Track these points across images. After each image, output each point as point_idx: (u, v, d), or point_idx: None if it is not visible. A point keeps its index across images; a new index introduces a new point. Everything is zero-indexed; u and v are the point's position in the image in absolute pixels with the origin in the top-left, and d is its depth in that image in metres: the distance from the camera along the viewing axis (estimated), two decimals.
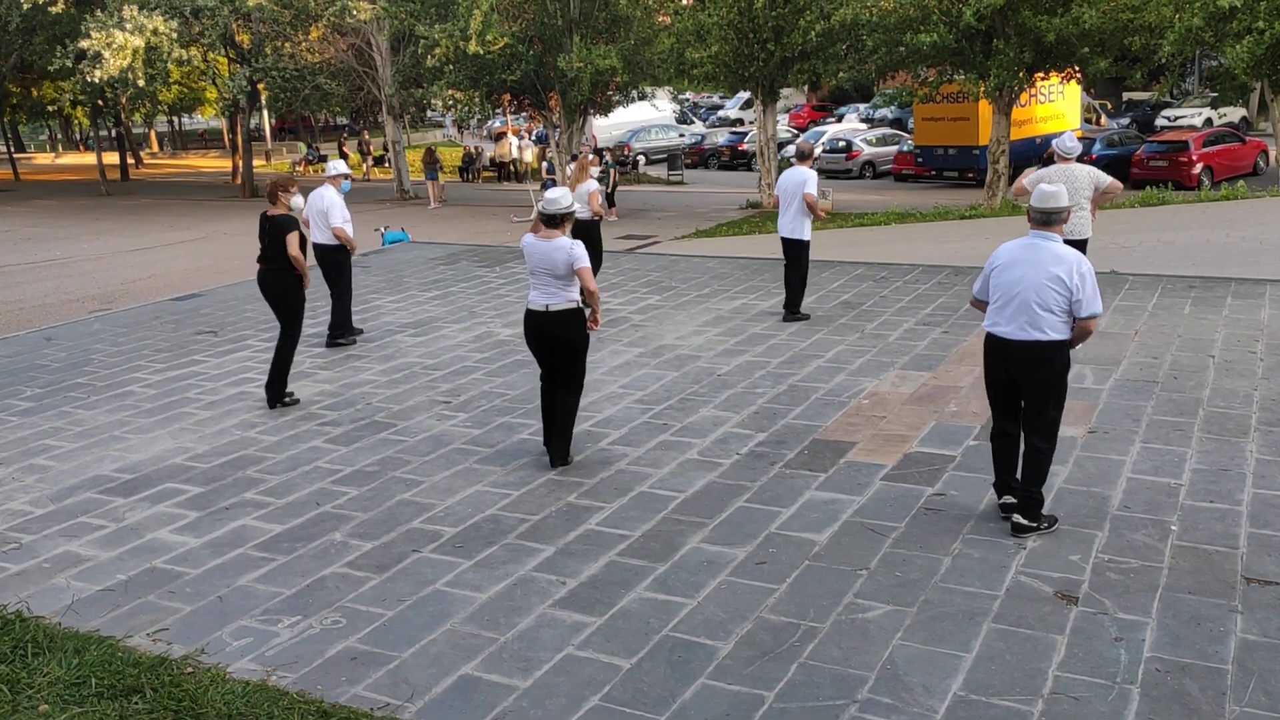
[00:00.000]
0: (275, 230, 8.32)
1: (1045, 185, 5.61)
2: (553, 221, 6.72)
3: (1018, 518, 5.63)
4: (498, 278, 13.90)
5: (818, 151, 33.83)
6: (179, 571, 5.66)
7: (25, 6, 28.26)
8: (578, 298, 6.77)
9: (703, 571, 5.40)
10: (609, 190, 25.67)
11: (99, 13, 26.79)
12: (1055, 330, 5.43)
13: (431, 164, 30.12)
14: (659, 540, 5.79)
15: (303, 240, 8.52)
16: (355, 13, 26.89)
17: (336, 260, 10.40)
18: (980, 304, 5.85)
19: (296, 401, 8.62)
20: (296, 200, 8.55)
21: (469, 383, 9.00)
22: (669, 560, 5.54)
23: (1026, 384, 5.57)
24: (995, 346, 5.63)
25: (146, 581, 5.56)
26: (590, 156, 11.80)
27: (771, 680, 4.41)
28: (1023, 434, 5.69)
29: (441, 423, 7.98)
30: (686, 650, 4.67)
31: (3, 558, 5.92)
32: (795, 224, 10.58)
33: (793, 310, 10.75)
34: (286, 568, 5.65)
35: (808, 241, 10.68)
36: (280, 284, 8.43)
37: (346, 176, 10.64)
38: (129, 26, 25.97)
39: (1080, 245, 9.39)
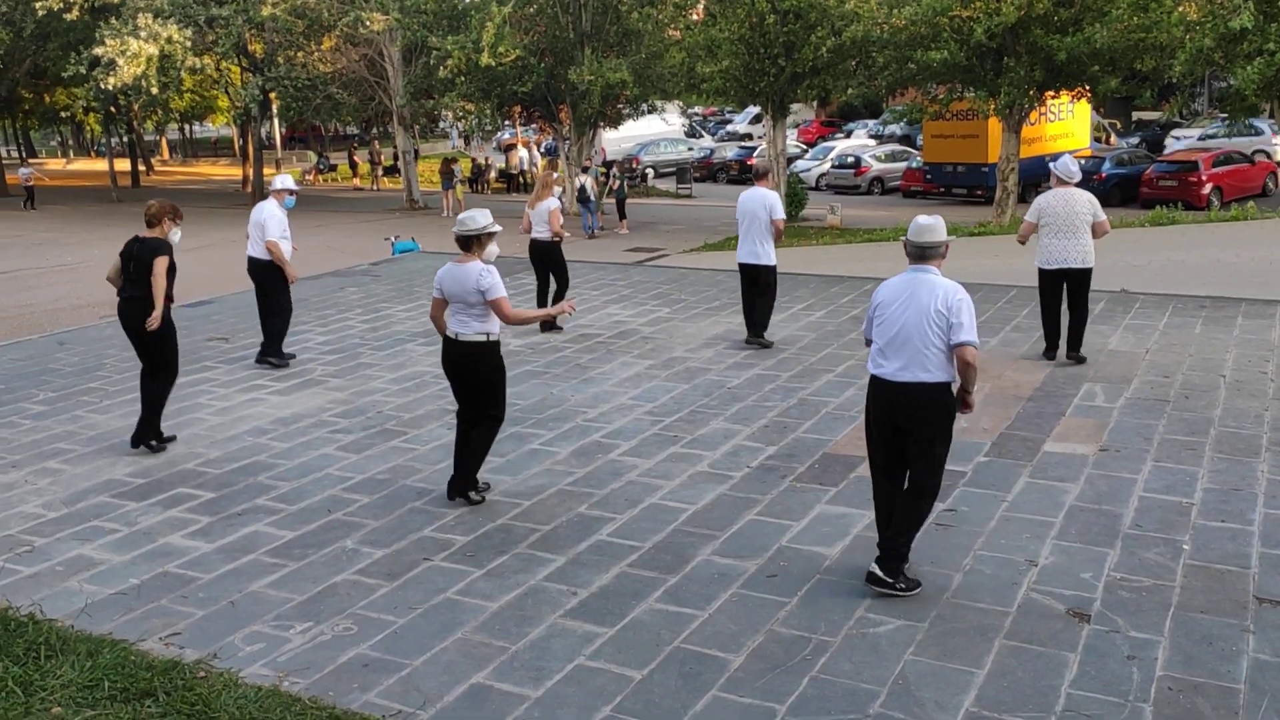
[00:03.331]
0: (144, 254, 7.44)
1: (922, 218, 5.23)
2: (464, 244, 6.39)
3: (874, 568, 5.19)
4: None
5: (825, 167, 34.16)
6: (191, 576, 5.68)
7: (40, 13, 28.44)
8: (491, 329, 6.42)
9: (713, 584, 5.40)
10: (619, 199, 25.73)
11: (114, 20, 26.96)
12: (940, 370, 5.05)
13: (449, 174, 30.26)
14: (670, 552, 5.79)
15: (172, 269, 7.54)
16: (368, 24, 27.04)
17: (273, 276, 9.81)
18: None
19: (173, 439, 7.87)
20: (175, 235, 7.62)
21: None
22: (680, 572, 5.55)
23: (909, 430, 5.12)
24: (878, 389, 5.19)
25: (159, 585, 5.58)
26: (555, 175, 11.13)
27: (783, 694, 4.41)
28: (906, 482, 5.27)
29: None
30: (698, 662, 4.67)
31: (16, 560, 5.95)
32: (760, 248, 9.97)
33: (758, 333, 10.20)
34: (298, 574, 5.67)
35: (775, 265, 10.09)
36: (145, 316, 7.45)
37: (292, 192, 10.03)
38: (143, 34, 26.13)
39: (1085, 275, 8.98)
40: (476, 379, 6.46)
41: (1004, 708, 4.26)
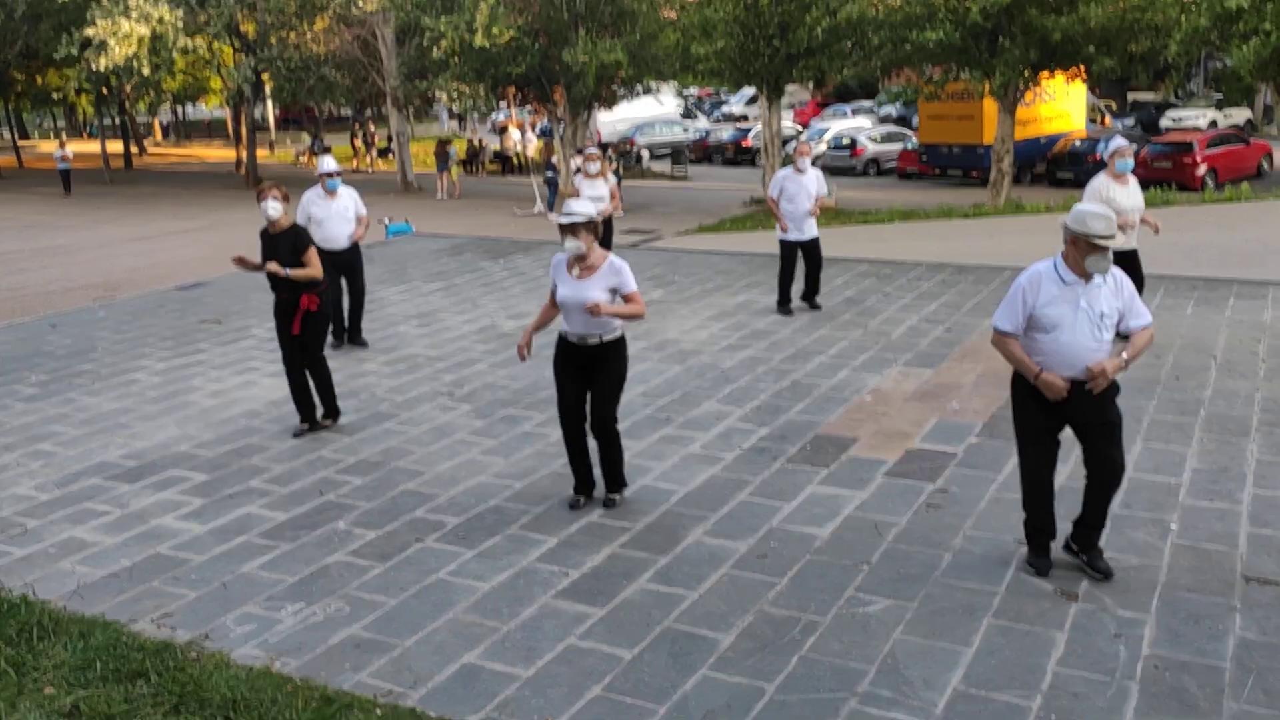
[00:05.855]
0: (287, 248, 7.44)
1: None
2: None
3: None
4: (501, 270, 13.92)
5: (820, 149, 33.95)
6: (183, 558, 5.69)
7: None
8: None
9: (704, 564, 5.42)
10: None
11: (105, 1, 26.78)
12: None
13: (443, 156, 30.15)
14: (661, 533, 5.82)
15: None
16: (361, 4, 26.90)
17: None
18: None
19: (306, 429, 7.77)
20: (270, 208, 7.32)
21: (472, 374, 9.03)
22: (670, 553, 5.57)
23: None
24: None
25: (151, 567, 5.59)
26: (592, 152, 11.57)
27: (772, 672, 4.44)
28: None
29: (445, 414, 8.00)
30: (688, 642, 4.70)
31: (9, 542, 5.96)
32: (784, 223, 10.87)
33: (804, 299, 11.07)
34: (290, 555, 5.68)
35: (782, 241, 10.85)
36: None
37: (331, 175, 9.57)
38: (134, 15, 25.98)
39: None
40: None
41: (991, 685, 4.29)
